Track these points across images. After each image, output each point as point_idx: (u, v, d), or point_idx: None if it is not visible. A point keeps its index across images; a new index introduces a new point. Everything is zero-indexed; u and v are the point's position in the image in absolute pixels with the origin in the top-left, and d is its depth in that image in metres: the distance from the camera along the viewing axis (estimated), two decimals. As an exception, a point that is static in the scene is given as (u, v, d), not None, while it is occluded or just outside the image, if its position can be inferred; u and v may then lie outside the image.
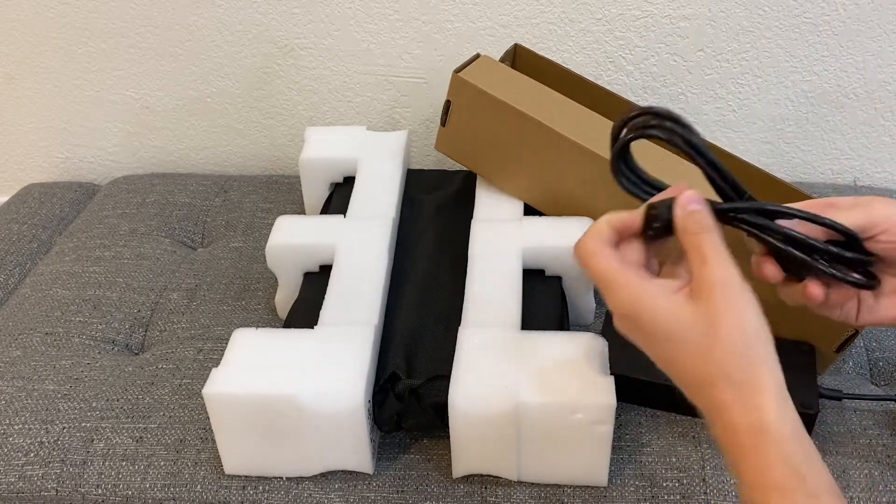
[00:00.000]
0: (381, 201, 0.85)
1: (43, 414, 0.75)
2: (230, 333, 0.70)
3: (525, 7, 1.00)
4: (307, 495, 0.68)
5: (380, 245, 0.79)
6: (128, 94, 1.12)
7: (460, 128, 0.84)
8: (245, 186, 1.08)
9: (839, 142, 1.06)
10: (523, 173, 0.83)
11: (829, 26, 0.97)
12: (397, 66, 1.06)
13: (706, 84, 1.03)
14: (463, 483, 0.68)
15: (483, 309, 0.72)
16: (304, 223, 0.82)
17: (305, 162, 0.91)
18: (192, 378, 0.78)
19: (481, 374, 0.65)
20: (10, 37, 1.08)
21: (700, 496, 0.66)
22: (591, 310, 0.82)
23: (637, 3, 0.98)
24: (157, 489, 0.69)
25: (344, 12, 1.02)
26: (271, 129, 1.13)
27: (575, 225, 0.80)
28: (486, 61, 0.84)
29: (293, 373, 0.66)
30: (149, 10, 1.05)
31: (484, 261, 0.77)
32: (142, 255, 0.95)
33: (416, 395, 0.68)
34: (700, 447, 0.69)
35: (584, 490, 0.67)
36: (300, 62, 1.07)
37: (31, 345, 0.83)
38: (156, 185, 1.08)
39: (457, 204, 0.88)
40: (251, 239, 0.98)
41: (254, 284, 0.90)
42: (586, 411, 0.62)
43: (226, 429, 0.67)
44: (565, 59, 1.02)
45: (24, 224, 1.04)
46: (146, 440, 0.72)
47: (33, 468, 0.71)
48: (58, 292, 0.89)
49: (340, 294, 0.74)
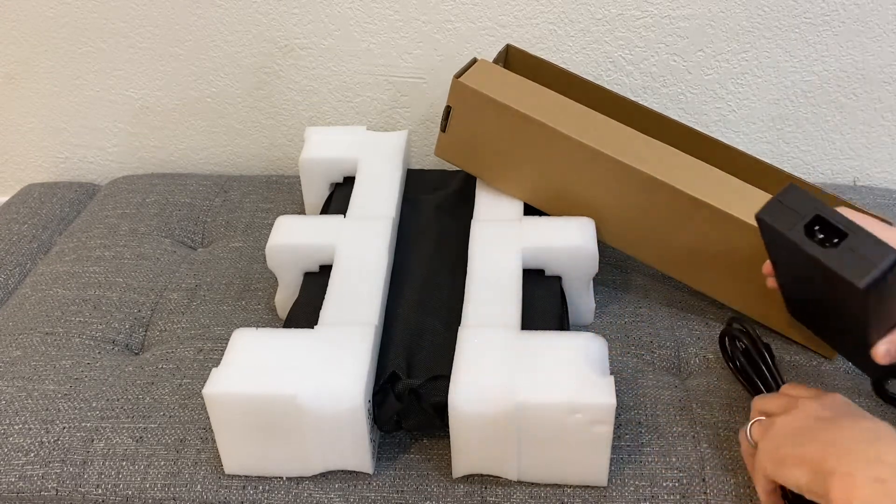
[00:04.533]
0: (381, 201, 0.85)
1: (43, 414, 0.75)
2: (230, 333, 0.70)
3: (525, 7, 1.00)
4: (307, 495, 0.68)
5: (380, 245, 0.79)
6: (128, 94, 1.12)
7: (461, 133, 0.84)
8: (245, 186, 1.08)
9: (839, 142, 1.06)
10: (526, 176, 0.83)
11: (829, 26, 0.97)
12: (397, 66, 1.06)
13: (706, 84, 1.03)
14: (463, 483, 0.68)
15: (483, 309, 0.72)
16: (304, 223, 0.82)
17: (305, 162, 0.91)
18: (192, 378, 0.78)
19: (481, 374, 0.65)
20: (10, 37, 1.09)
21: (700, 496, 0.66)
22: (591, 310, 0.82)
23: (637, 3, 0.98)
24: (157, 489, 0.69)
25: (344, 12, 1.02)
26: (271, 129, 1.13)
27: (575, 225, 0.80)
28: (485, 65, 0.85)
29: (293, 373, 0.66)
30: (149, 10, 1.05)
31: (484, 261, 0.77)
32: (142, 255, 0.95)
33: (416, 395, 0.68)
34: (700, 447, 0.69)
35: (584, 490, 0.67)
36: (300, 62, 1.07)
37: (31, 345, 0.83)
38: (156, 185, 1.08)
39: (457, 204, 0.88)
40: (251, 239, 0.98)
41: (254, 284, 0.90)
42: (586, 411, 0.62)
43: (226, 429, 0.67)
44: (565, 59, 1.02)
45: (24, 224, 1.04)
46: (146, 440, 0.72)
47: (33, 468, 0.71)
48: (58, 292, 0.89)
49: (340, 294, 0.74)
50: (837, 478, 0.52)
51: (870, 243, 0.55)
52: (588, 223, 0.80)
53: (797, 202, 0.58)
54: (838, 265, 0.55)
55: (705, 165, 0.80)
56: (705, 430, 0.71)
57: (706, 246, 0.78)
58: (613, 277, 0.89)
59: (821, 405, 0.60)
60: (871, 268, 0.54)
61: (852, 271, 0.55)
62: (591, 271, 0.79)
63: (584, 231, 0.79)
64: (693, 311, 0.84)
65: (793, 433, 0.59)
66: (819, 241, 0.57)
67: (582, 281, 0.79)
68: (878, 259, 0.54)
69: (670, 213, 0.78)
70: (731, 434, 0.70)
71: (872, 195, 1.02)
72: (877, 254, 0.55)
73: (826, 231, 0.57)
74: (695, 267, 0.81)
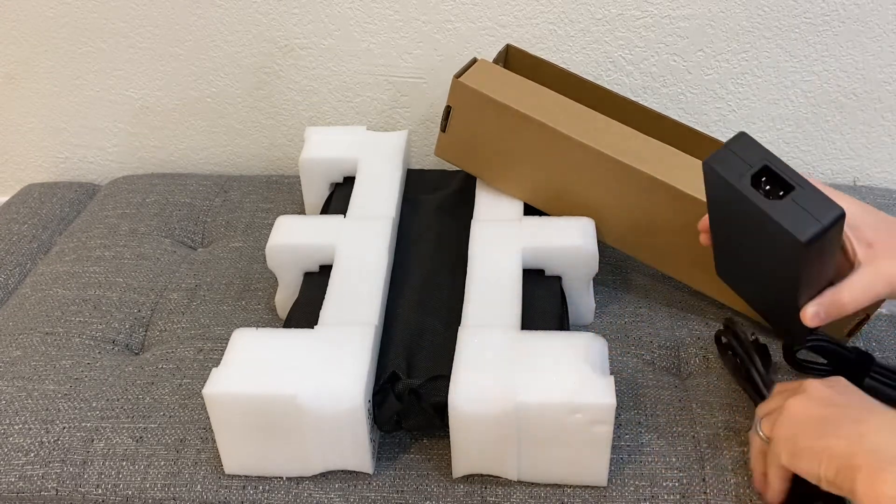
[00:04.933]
0: (381, 201, 0.85)
1: (43, 414, 0.75)
2: (230, 333, 0.70)
3: (525, 7, 1.00)
4: (307, 495, 0.68)
5: (380, 245, 0.79)
6: (128, 94, 1.12)
7: (461, 133, 0.84)
8: (245, 186, 1.08)
9: (839, 142, 1.06)
10: (527, 176, 0.83)
11: (829, 26, 0.97)
12: (397, 66, 1.06)
13: (706, 84, 1.03)
14: (463, 483, 0.68)
15: (483, 309, 0.72)
16: (304, 223, 0.82)
17: (305, 162, 0.91)
18: (192, 378, 0.78)
19: (481, 374, 0.65)
20: (10, 37, 1.09)
21: (700, 496, 0.66)
22: (591, 310, 0.82)
23: (637, 3, 0.98)
24: (157, 489, 0.69)
25: (344, 12, 1.02)
26: (271, 129, 1.13)
27: (575, 225, 0.80)
28: (485, 65, 0.85)
29: (293, 373, 0.66)
30: (149, 10, 1.05)
31: (484, 261, 0.77)
32: (142, 255, 0.95)
33: (416, 395, 0.68)
34: (700, 447, 0.69)
35: (584, 490, 0.67)
36: (300, 62, 1.07)
37: (31, 345, 0.83)
38: (156, 185, 1.08)
39: (457, 204, 0.88)
40: (251, 239, 0.98)
41: (254, 284, 0.90)
42: (586, 411, 0.62)
43: (226, 429, 0.67)
44: (565, 59, 1.02)
45: (24, 224, 1.04)
46: (146, 440, 0.72)
47: (33, 468, 0.71)
48: (58, 292, 0.89)
49: (340, 294, 0.74)
50: (865, 474, 0.52)
51: (816, 198, 0.55)
52: (588, 223, 0.80)
53: (747, 152, 0.57)
54: (782, 217, 0.55)
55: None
56: (705, 430, 0.71)
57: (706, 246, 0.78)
58: (613, 277, 0.89)
59: (832, 390, 0.59)
60: (814, 222, 0.54)
61: (796, 225, 0.54)
62: (591, 271, 0.79)
63: (584, 231, 0.79)
64: (693, 311, 0.84)
65: (812, 422, 0.57)
66: (766, 192, 0.56)
67: (582, 281, 0.79)
68: (822, 214, 0.54)
69: (670, 213, 0.78)
70: (731, 434, 0.70)
71: (872, 195, 1.02)
72: (822, 209, 0.54)
73: (773, 182, 0.56)
74: (695, 267, 0.81)
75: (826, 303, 0.61)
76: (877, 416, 0.56)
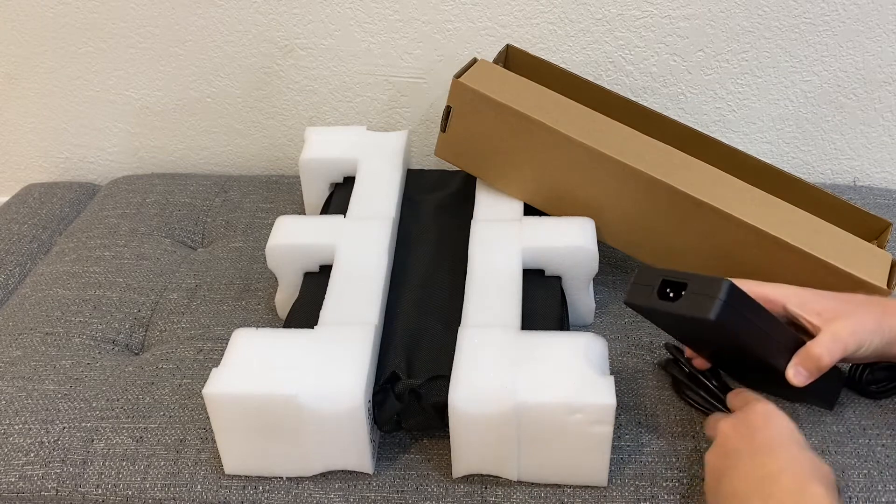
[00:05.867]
0: (381, 201, 0.85)
1: (43, 414, 0.75)
2: (230, 333, 0.70)
3: (525, 7, 1.00)
4: (307, 495, 0.68)
5: (380, 245, 0.79)
6: (128, 94, 1.12)
7: (462, 133, 0.84)
8: (245, 186, 1.08)
9: (839, 142, 1.06)
10: (527, 176, 0.83)
11: (828, 26, 0.97)
12: (397, 66, 1.06)
13: (706, 84, 1.03)
14: (463, 483, 0.68)
15: (483, 309, 0.72)
16: (304, 223, 0.82)
17: (305, 162, 0.91)
18: (192, 378, 0.78)
19: (481, 374, 0.65)
20: (10, 37, 1.09)
21: (700, 496, 0.66)
22: (591, 310, 0.82)
23: (637, 3, 0.98)
24: (157, 489, 0.69)
25: (344, 12, 1.02)
26: (271, 129, 1.13)
27: (575, 225, 0.80)
28: (485, 65, 0.85)
29: (293, 373, 0.66)
30: (149, 10, 1.05)
31: (484, 261, 0.77)
32: (142, 255, 0.95)
33: (416, 395, 0.68)
34: (700, 447, 0.69)
35: (584, 490, 0.67)
36: (300, 62, 1.07)
37: (31, 345, 0.83)
38: (156, 185, 1.08)
39: (457, 204, 0.88)
40: (251, 239, 0.98)
41: (254, 284, 0.90)
42: (586, 411, 0.62)
43: (226, 429, 0.67)
44: (565, 59, 1.02)
45: (24, 224, 1.04)
46: (146, 440, 0.72)
47: (33, 468, 0.71)
48: (58, 292, 0.89)
49: (340, 294, 0.74)
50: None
51: (706, 282, 0.61)
52: (588, 223, 0.80)
53: (646, 277, 0.65)
54: (688, 309, 0.61)
55: (705, 165, 0.80)
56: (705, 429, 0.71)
57: (706, 246, 0.78)
58: (613, 277, 0.89)
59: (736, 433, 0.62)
60: (713, 300, 0.60)
61: (701, 309, 0.60)
62: (591, 271, 0.79)
63: (584, 231, 0.79)
64: (693, 311, 0.84)
65: (711, 473, 0.62)
66: (670, 298, 0.63)
67: (582, 281, 0.79)
68: (716, 291, 0.60)
69: (670, 213, 0.78)
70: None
71: (872, 195, 1.02)
72: (714, 288, 0.60)
73: (672, 287, 0.63)
74: (695, 267, 0.81)
75: (801, 358, 0.64)
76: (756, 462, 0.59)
